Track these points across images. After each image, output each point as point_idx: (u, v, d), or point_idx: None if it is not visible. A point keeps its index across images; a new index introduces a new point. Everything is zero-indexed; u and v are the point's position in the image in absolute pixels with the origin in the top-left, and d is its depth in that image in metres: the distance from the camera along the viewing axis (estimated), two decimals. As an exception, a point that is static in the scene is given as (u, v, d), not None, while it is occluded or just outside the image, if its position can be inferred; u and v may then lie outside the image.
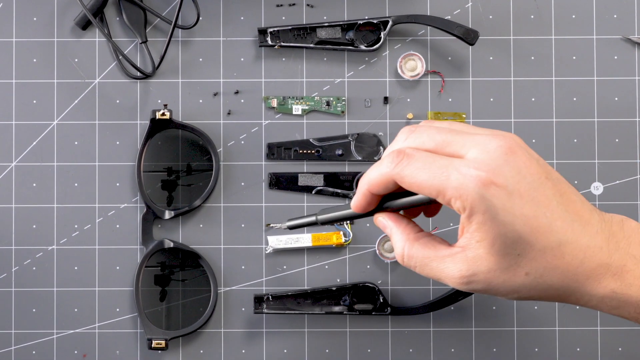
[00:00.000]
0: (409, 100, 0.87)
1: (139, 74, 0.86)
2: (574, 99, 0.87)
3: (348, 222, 0.86)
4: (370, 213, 0.65)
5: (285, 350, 0.86)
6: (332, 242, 0.86)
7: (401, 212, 0.66)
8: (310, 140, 0.87)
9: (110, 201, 0.86)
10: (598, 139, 0.87)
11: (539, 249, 0.58)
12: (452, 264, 0.60)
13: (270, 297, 0.85)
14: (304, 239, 0.86)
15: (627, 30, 0.87)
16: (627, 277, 0.59)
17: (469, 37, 0.85)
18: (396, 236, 0.64)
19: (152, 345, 0.84)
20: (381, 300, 0.85)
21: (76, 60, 0.87)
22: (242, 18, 0.87)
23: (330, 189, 0.86)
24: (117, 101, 0.87)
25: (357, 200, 0.64)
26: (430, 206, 0.65)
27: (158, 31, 0.87)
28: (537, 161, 0.59)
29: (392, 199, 0.64)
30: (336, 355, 0.86)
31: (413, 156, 0.59)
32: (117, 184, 0.86)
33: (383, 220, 0.64)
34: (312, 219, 0.70)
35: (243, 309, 0.86)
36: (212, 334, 0.86)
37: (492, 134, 0.59)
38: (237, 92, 0.87)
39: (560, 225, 0.58)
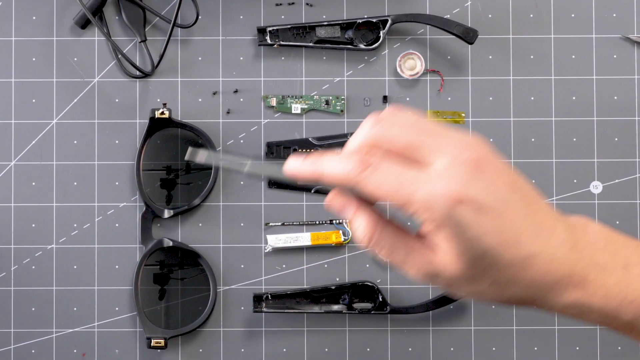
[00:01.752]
0: (408, 99, 0.87)
1: (138, 73, 0.86)
2: (573, 97, 0.87)
3: (347, 222, 0.86)
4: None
5: (284, 349, 0.86)
6: (331, 241, 0.86)
7: None
8: (310, 139, 0.87)
9: (110, 200, 0.86)
10: (597, 137, 0.87)
11: (505, 263, 0.58)
12: (419, 257, 0.59)
13: (269, 296, 0.85)
14: (303, 238, 0.86)
15: (626, 29, 0.87)
16: (590, 286, 0.59)
17: (468, 36, 0.85)
18: (362, 218, 0.59)
19: (152, 344, 0.84)
20: (380, 299, 0.85)
21: (75, 59, 0.87)
22: (241, 17, 0.87)
23: (329, 188, 0.86)
24: (117, 100, 0.87)
25: (301, 174, 0.59)
26: None
27: (157, 30, 0.87)
28: (504, 172, 0.58)
29: None
30: (335, 354, 0.86)
31: (378, 167, 0.57)
32: (117, 183, 0.86)
33: (342, 201, 0.60)
34: (244, 163, 0.61)
35: (242, 308, 0.86)
36: (211, 332, 0.86)
37: (460, 142, 0.58)
38: (236, 91, 0.87)
39: (526, 238, 0.58)
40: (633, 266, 0.60)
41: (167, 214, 0.85)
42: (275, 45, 0.86)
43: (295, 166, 0.59)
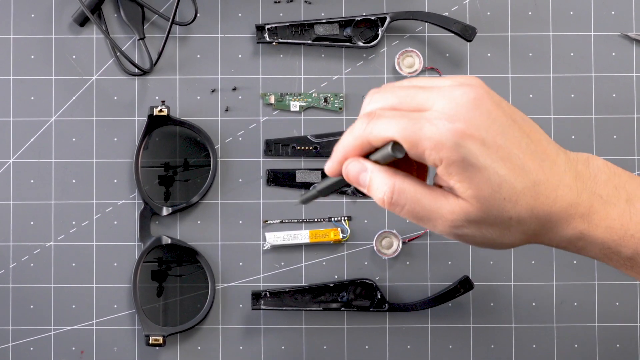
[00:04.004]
0: (406, 96, 0.87)
1: (136, 70, 0.86)
2: (572, 95, 0.87)
3: (345, 219, 0.86)
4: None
5: (283, 347, 0.86)
6: (329, 238, 0.86)
7: None
8: (308, 136, 0.87)
9: (108, 197, 0.86)
10: (596, 135, 0.87)
11: (519, 191, 0.58)
12: (446, 203, 0.59)
13: (267, 293, 0.85)
14: (302, 236, 0.86)
15: (625, 27, 0.87)
16: (594, 218, 0.60)
17: (467, 33, 0.85)
18: (380, 176, 0.60)
19: (150, 342, 0.84)
20: (379, 297, 0.85)
21: (74, 56, 0.87)
22: (239, 14, 0.87)
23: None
24: (115, 98, 0.87)
25: (332, 168, 0.61)
26: (413, 166, 0.63)
27: (156, 28, 0.87)
28: (500, 105, 0.59)
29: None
30: (334, 352, 0.86)
31: (382, 115, 0.58)
32: (115, 181, 0.86)
33: (358, 163, 0.60)
34: (315, 192, 0.65)
35: (241, 306, 0.86)
36: (209, 330, 0.86)
37: (456, 83, 0.59)
38: (234, 89, 0.87)
39: (531, 165, 0.59)
40: (636, 200, 0.61)
41: (165, 211, 0.85)
42: (273, 43, 0.86)
43: (328, 166, 0.62)
